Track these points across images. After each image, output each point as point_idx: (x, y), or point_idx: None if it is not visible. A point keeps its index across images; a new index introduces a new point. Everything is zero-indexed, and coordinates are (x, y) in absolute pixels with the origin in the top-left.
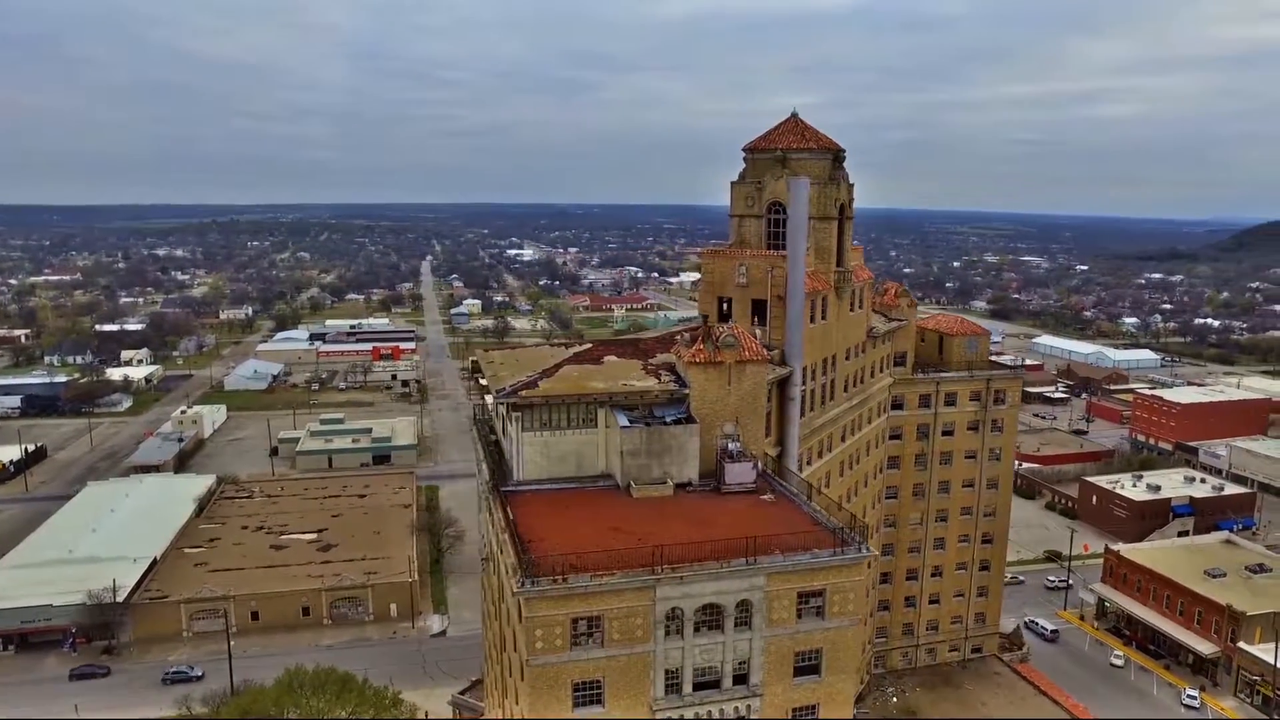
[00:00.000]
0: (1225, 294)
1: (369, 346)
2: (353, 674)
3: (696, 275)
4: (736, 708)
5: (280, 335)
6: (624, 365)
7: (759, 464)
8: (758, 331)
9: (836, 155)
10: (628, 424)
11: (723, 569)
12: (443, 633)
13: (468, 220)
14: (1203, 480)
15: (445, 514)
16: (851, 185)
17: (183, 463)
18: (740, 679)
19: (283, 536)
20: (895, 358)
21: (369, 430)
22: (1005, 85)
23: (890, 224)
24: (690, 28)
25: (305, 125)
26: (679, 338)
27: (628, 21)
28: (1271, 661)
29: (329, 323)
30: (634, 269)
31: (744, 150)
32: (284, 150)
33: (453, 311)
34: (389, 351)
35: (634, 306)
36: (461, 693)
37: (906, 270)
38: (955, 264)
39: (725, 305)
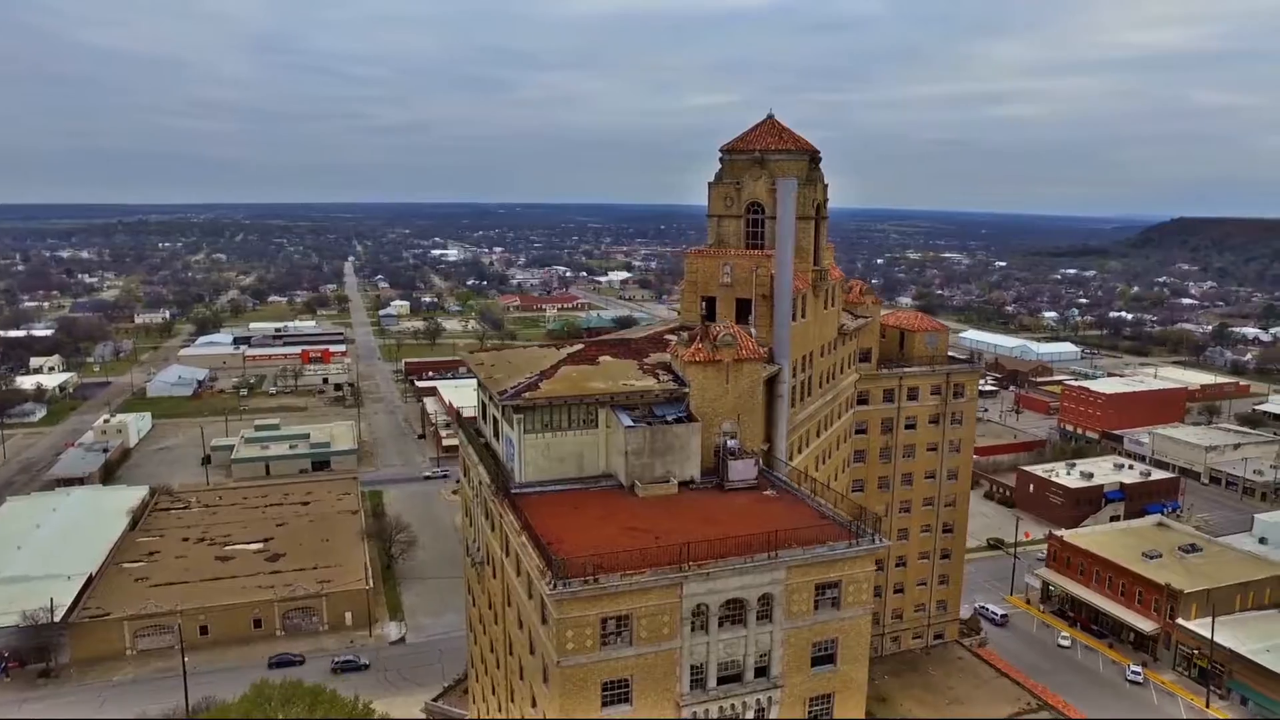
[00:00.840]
0: (1136, 288)
1: (298, 350)
2: (320, 685)
3: (625, 274)
4: (759, 700)
5: (203, 340)
6: (620, 365)
7: (760, 460)
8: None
9: (813, 156)
10: (632, 424)
11: (747, 564)
12: (401, 640)
13: (388, 220)
14: (1130, 467)
15: (395, 519)
16: (826, 185)
17: (109, 474)
18: (761, 671)
19: (227, 548)
20: (860, 354)
21: (306, 436)
22: (919, 85)
23: None
24: (608, 26)
25: (211, 121)
26: (675, 336)
27: (544, 19)
28: (1207, 635)
29: (253, 326)
30: (562, 269)
31: (721, 151)
32: (191, 147)
33: (381, 313)
34: (319, 355)
35: (566, 306)
36: (435, 699)
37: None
38: (879, 261)
39: (708, 305)
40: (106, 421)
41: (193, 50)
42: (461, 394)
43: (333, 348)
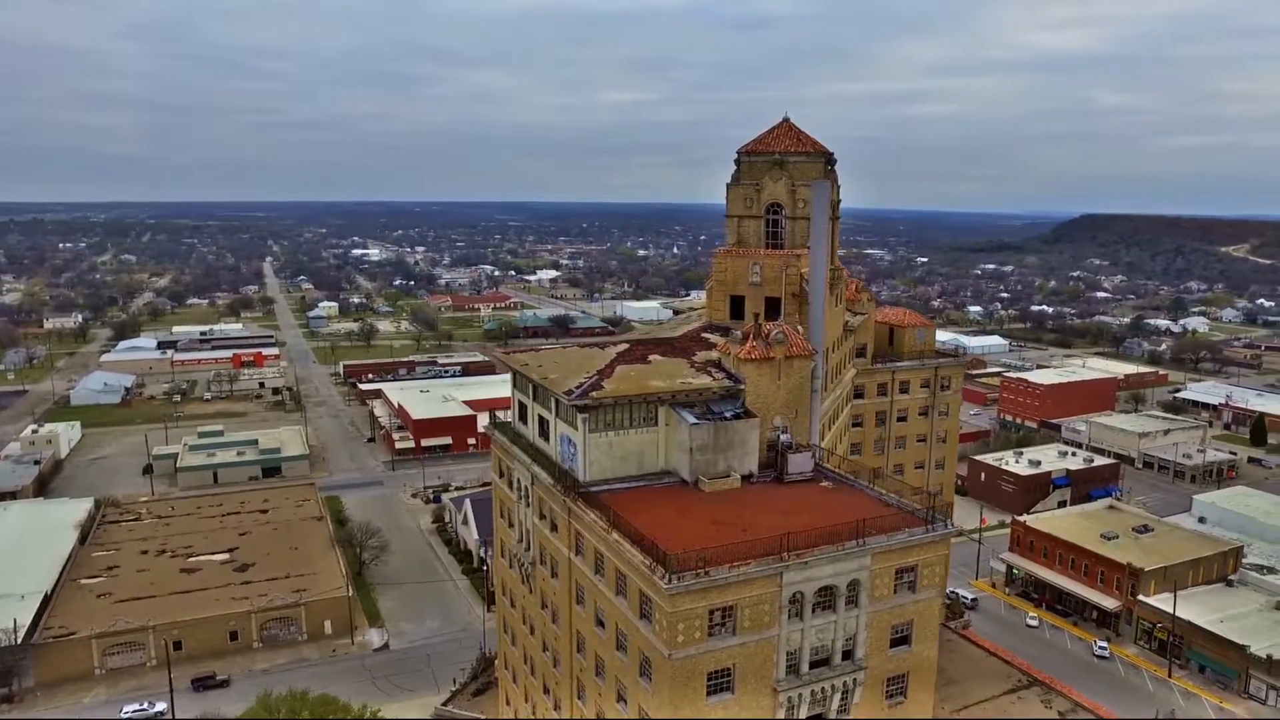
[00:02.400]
0: (1053, 282)
1: (228, 354)
2: (329, 695)
3: (554, 273)
4: (845, 682)
5: (124, 345)
6: (672, 364)
7: (816, 453)
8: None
9: (828, 158)
10: (696, 421)
11: (840, 552)
12: (385, 646)
13: (303, 219)
14: (1074, 454)
15: (365, 524)
16: (839, 186)
17: (41, 487)
18: (847, 654)
19: (191, 559)
20: (857, 349)
21: (255, 442)
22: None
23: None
24: (524, 21)
25: (106, 115)
26: (712, 335)
27: (461, 14)
28: (1167, 610)
29: (177, 329)
30: (489, 268)
31: (739, 153)
32: (86, 142)
33: (310, 315)
34: (251, 358)
35: (500, 306)
36: (445, 704)
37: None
38: None
39: (734, 303)
40: (35, 431)
41: (79, 37)
42: (407, 396)
43: (265, 351)
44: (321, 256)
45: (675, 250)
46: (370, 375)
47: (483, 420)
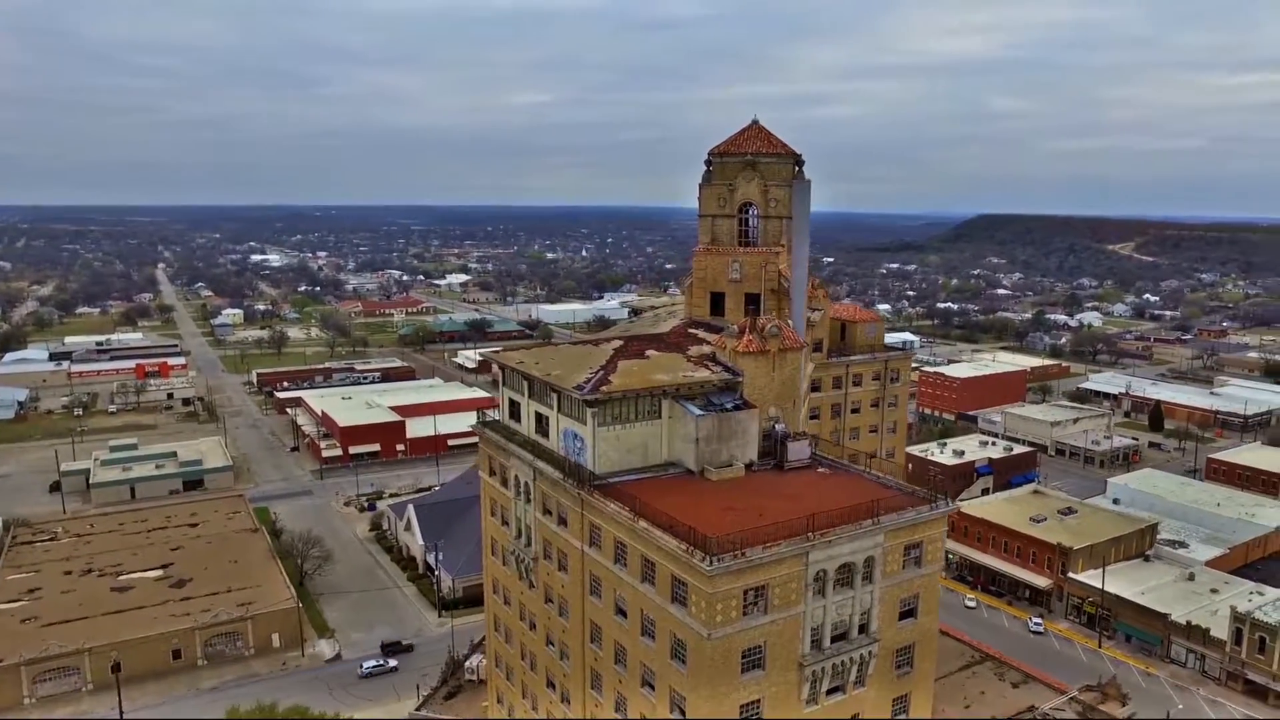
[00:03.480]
0: (955, 280)
1: (130, 364)
2: (301, 705)
3: (464, 277)
4: (862, 654)
5: (12, 356)
6: (669, 359)
7: (812, 442)
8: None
9: (797, 160)
10: (701, 412)
11: (859, 530)
12: (337, 657)
13: (193, 224)
14: (994, 444)
15: (305, 534)
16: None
17: None
18: (863, 628)
19: (121, 577)
20: (814, 345)
21: (174, 454)
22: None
23: (638, 221)
24: (425, 20)
25: None
26: (702, 330)
27: (357, 12)
28: (1096, 586)
29: (69, 340)
30: (396, 272)
31: (711, 154)
32: None
33: (214, 323)
34: (155, 369)
35: (412, 311)
36: (418, 708)
37: (669, 266)
38: None
39: (715, 300)
40: None
41: None
42: (330, 404)
43: (171, 361)
44: (218, 263)
45: (584, 253)
46: (286, 383)
47: (413, 426)
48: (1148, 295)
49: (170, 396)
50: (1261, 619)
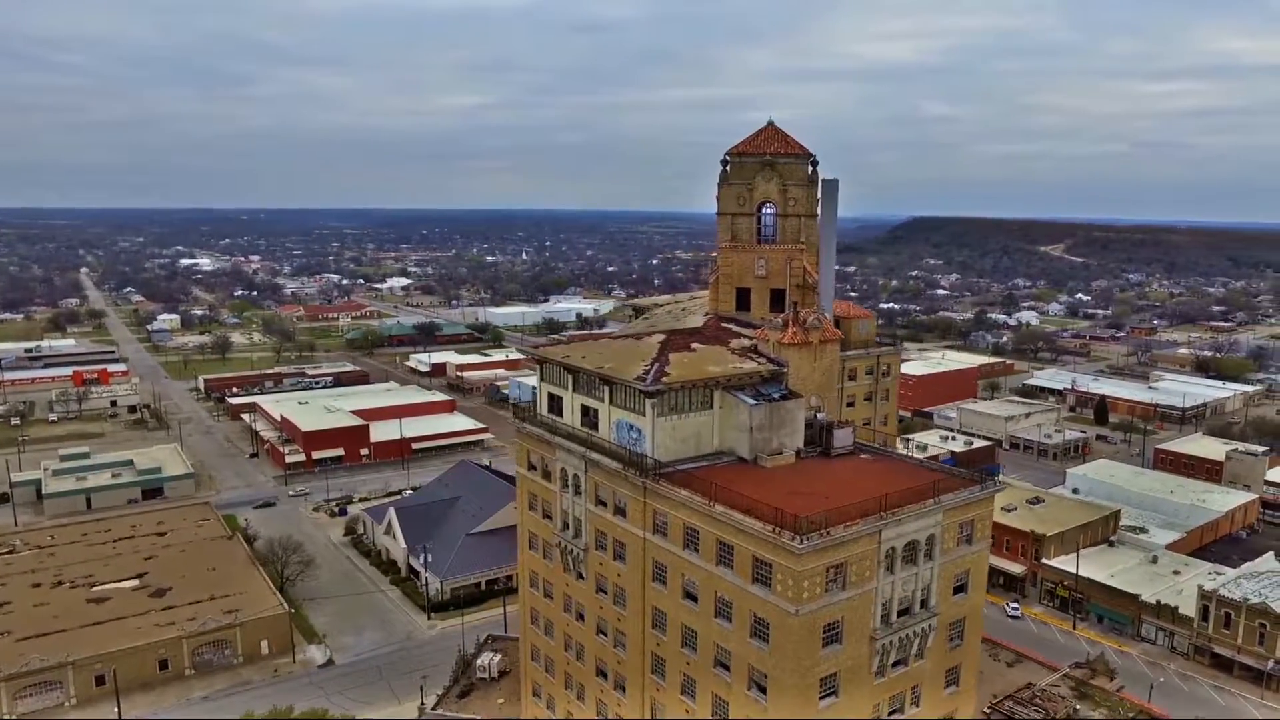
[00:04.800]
0: (895, 281)
1: (66, 371)
2: (319, 709)
3: (406, 281)
4: (923, 628)
5: None
6: (714, 351)
7: (855, 429)
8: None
9: (812, 160)
10: (755, 402)
11: (925, 509)
12: (329, 662)
13: (115, 227)
14: (954, 438)
15: (284, 539)
16: (819, 185)
17: None
18: (924, 603)
19: (95, 589)
20: None
21: (129, 463)
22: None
23: (574, 224)
24: (354, 19)
25: None
26: (735, 325)
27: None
28: (1069, 570)
29: None
30: (335, 276)
31: (728, 155)
32: None
33: (150, 328)
34: (94, 375)
35: (357, 315)
36: (434, 707)
37: (610, 269)
38: (654, 261)
39: (740, 295)
40: None
41: None
42: (288, 409)
43: (110, 368)
44: (146, 267)
45: (524, 256)
46: (235, 389)
47: (378, 430)
48: (1080, 295)
49: (114, 404)
50: (1226, 595)
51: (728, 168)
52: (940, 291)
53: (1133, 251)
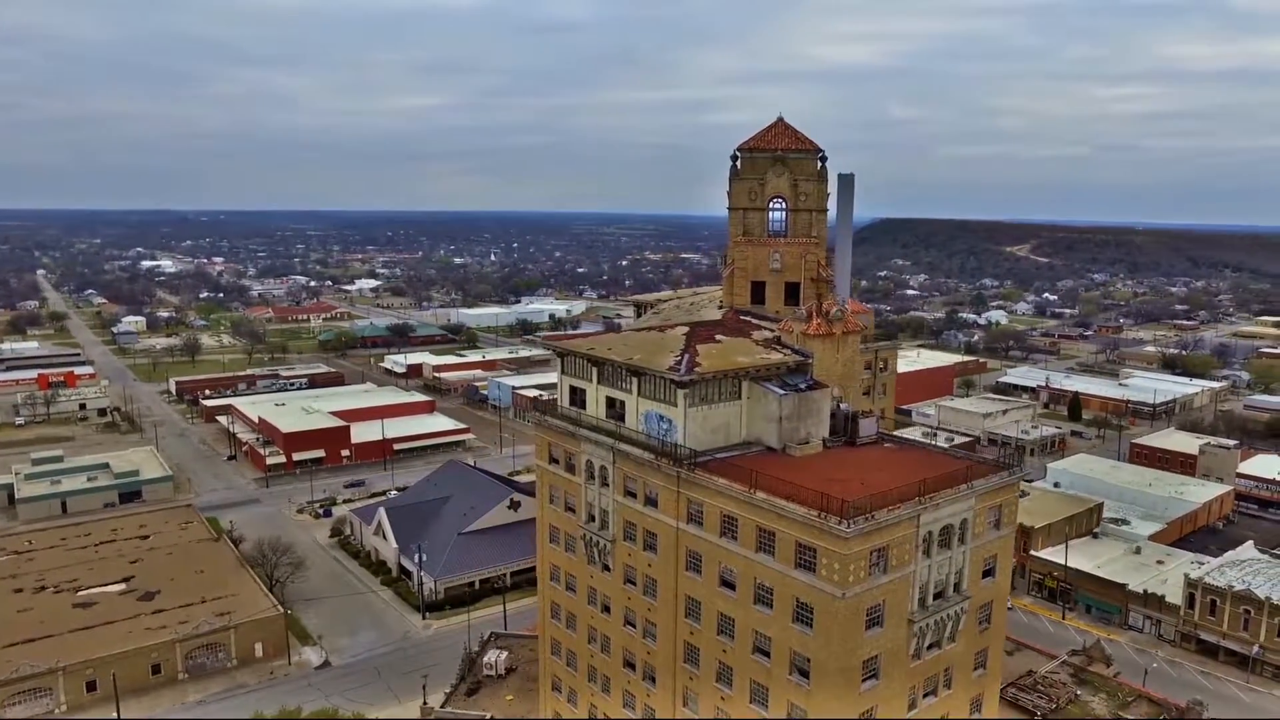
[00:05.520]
0: (864, 282)
1: (31, 374)
2: (330, 708)
3: (375, 282)
4: (956, 611)
5: None
6: (739, 343)
7: (878, 418)
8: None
9: (821, 155)
10: (784, 392)
11: (960, 493)
12: (326, 664)
13: (68, 228)
14: (936, 434)
15: (273, 540)
16: (827, 180)
17: None
18: (956, 587)
19: (81, 593)
20: None
21: (105, 466)
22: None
23: (540, 226)
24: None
25: None
26: (753, 318)
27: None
28: (1058, 562)
29: None
30: (302, 278)
31: (739, 150)
32: None
33: (115, 331)
34: (60, 378)
35: (328, 316)
36: (443, 705)
37: (580, 270)
38: (623, 263)
39: (755, 289)
40: None
41: None
42: (265, 411)
43: (77, 370)
44: (106, 269)
45: (493, 257)
46: (208, 391)
47: (358, 431)
48: (1047, 294)
49: (83, 407)
50: (1212, 583)
51: (738, 163)
52: (910, 292)
53: (1096, 252)
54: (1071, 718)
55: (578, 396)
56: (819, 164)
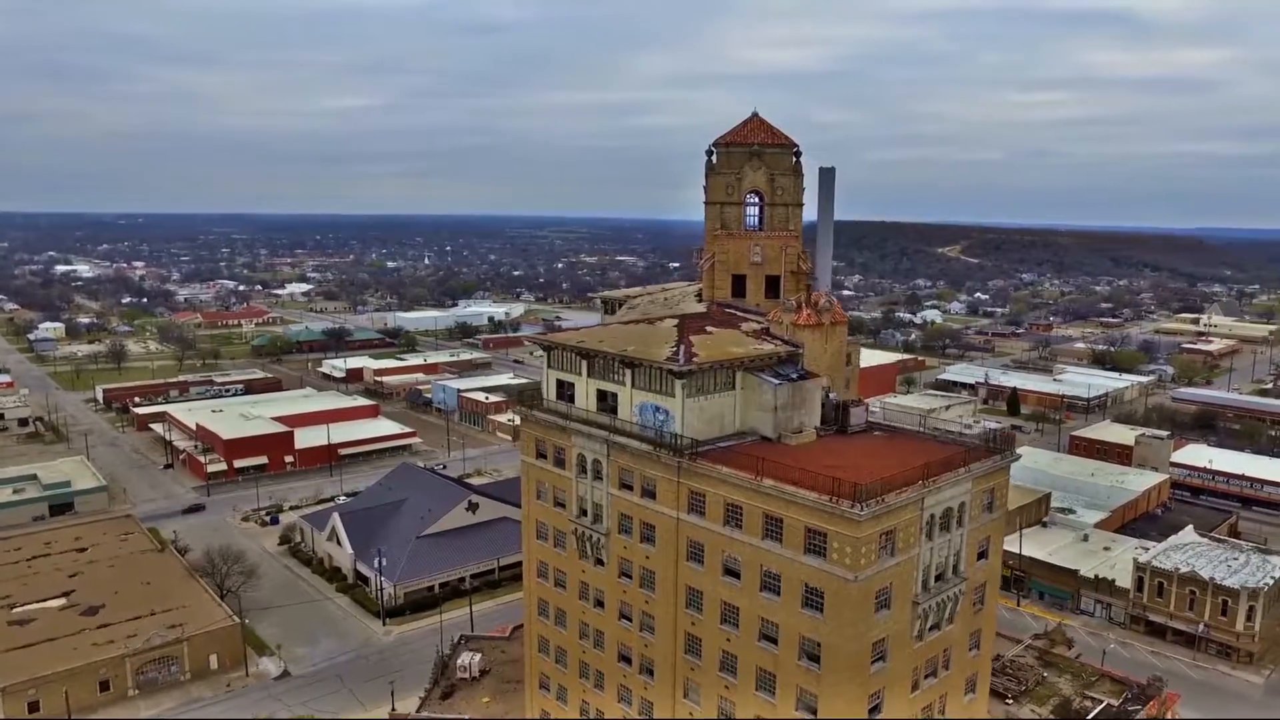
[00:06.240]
0: None
1: None
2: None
3: (306, 286)
4: (954, 593)
5: None
6: (729, 334)
7: (867, 407)
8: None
9: (796, 150)
10: (778, 382)
11: (959, 476)
12: (285, 674)
13: None
14: None
15: (224, 549)
16: (803, 175)
17: None
18: (954, 569)
19: (17, 610)
20: None
21: (34, 477)
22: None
23: (472, 229)
24: (228, 15)
25: None
26: (738, 311)
27: (155, 4)
28: (1008, 550)
29: None
30: (230, 282)
31: (715, 145)
32: None
33: (32, 338)
34: None
35: (261, 321)
36: (418, 709)
37: (516, 273)
38: (559, 265)
39: (736, 282)
40: None
41: None
42: (203, 418)
43: None
44: (16, 274)
45: (426, 260)
46: (138, 399)
47: (302, 437)
48: (979, 294)
49: (2, 416)
50: (1159, 566)
51: (713, 158)
52: (846, 292)
53: (1023, 253)
54: (1041, 698)
55: (565, 390)
56: (794, 158)
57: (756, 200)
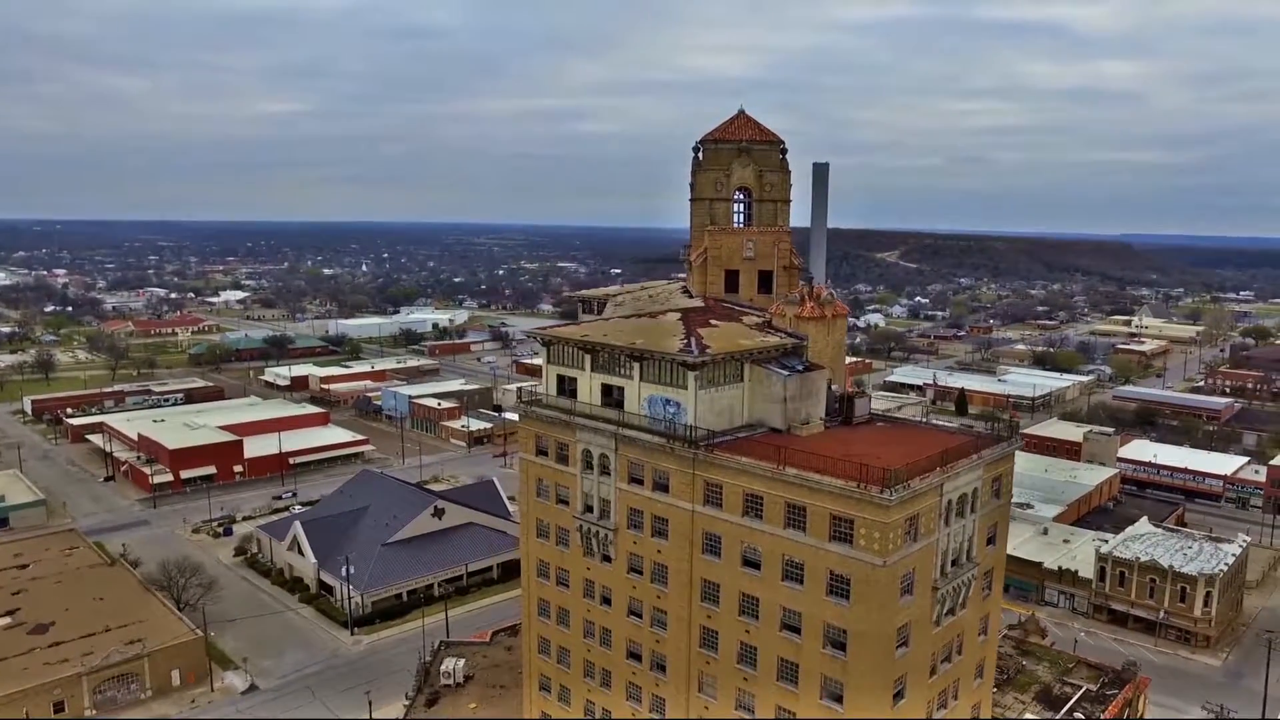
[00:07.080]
0: None
1: None
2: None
3: (242, 294)
4: (968, 578)
5: None
6: (734, 327)
7: (870, 398)
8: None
9: (782, 147)
10: (787, 373)
11: (974, 462)
12: (252, 688)
13: None
14: None
15: (181, 561)
16: (790, 172)
17: None
18: (968, 554)
19: None
20: None
21: None
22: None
23: (409, 236)
24: (150, 16)
25: None
26: (738, 306)
27: (78, 3)
28: None
29: None
30: (160, 290)
31: (703, 141)
32: None
33: None
34: None
35: (197, 329)
36: (403, 718)
37: (457, 279)
38: (500, 272)
39: (731, 277)
40: None
41: None
42: (144, 428)
43: None
44: None
45: (364, 267)
46: (70, 409)
47: (253, 446)
48: (919, 298)
49: None
50: (1120, 556)
51: (700, 154)
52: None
53: (960, 258)
54: (1022, 685)
55: (567, 386)
56: (781, 155)
57: (743, 197)
